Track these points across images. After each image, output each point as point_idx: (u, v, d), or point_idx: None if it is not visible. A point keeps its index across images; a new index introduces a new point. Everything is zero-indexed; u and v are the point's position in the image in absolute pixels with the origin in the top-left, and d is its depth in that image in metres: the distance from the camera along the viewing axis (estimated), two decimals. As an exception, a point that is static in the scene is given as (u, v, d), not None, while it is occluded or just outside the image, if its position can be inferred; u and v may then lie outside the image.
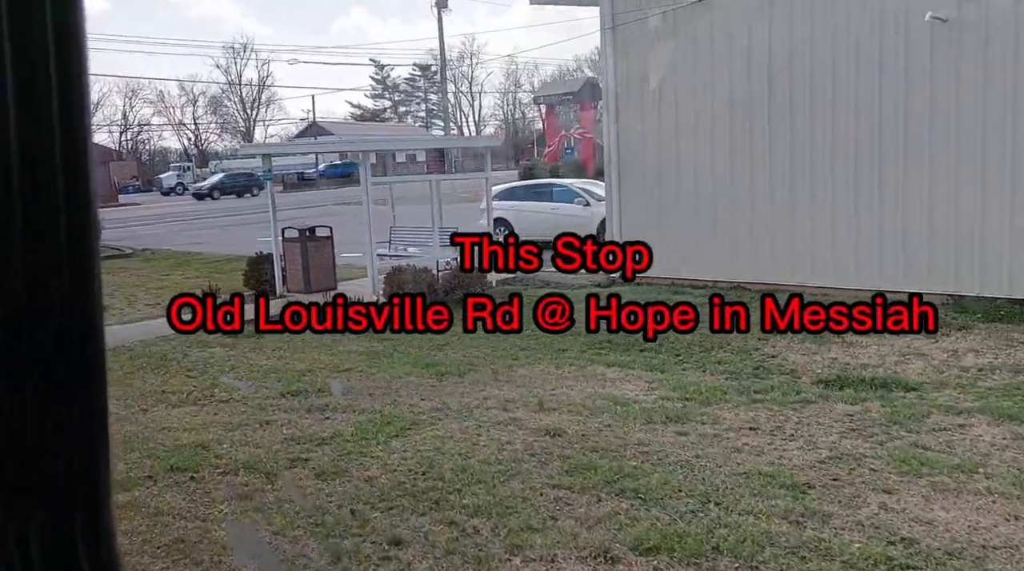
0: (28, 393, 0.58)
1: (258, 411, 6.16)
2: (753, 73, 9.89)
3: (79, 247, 0.60)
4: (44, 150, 0.58)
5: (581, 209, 15.47)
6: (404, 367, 7.46)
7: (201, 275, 14.76)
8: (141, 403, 6.50)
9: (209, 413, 6.16)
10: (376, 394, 6.53)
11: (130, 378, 7.38)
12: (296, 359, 7.95)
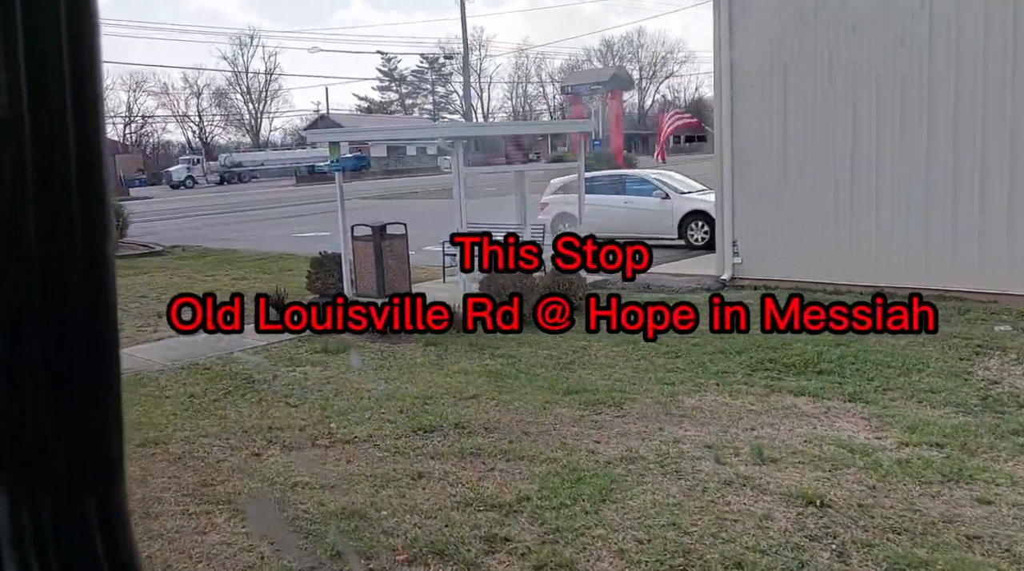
0: (45, 386, 0.59)
1: (399, 457, 5.01)
2: (912, 49, 8.68)
3: (93, 241, 0.61)
4: (57, 144, 0.58)
5: (659, 203, 14.27)
6: (540, 392, 6.32)
7: (249, 275, 13.63)
8: (249, 444, 5.35)
9: (340, 460, 5.01)
10: (531, 432, 5.38)
11: (220, 407, 6.23)
12: (405, 380, 6.81)
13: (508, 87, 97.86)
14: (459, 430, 5.52)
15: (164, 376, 7.18)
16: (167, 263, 16.02)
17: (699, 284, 10.47)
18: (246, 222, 26.68)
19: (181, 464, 5.01)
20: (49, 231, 0.58)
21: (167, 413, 6.08)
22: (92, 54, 0.60)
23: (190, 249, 18.51)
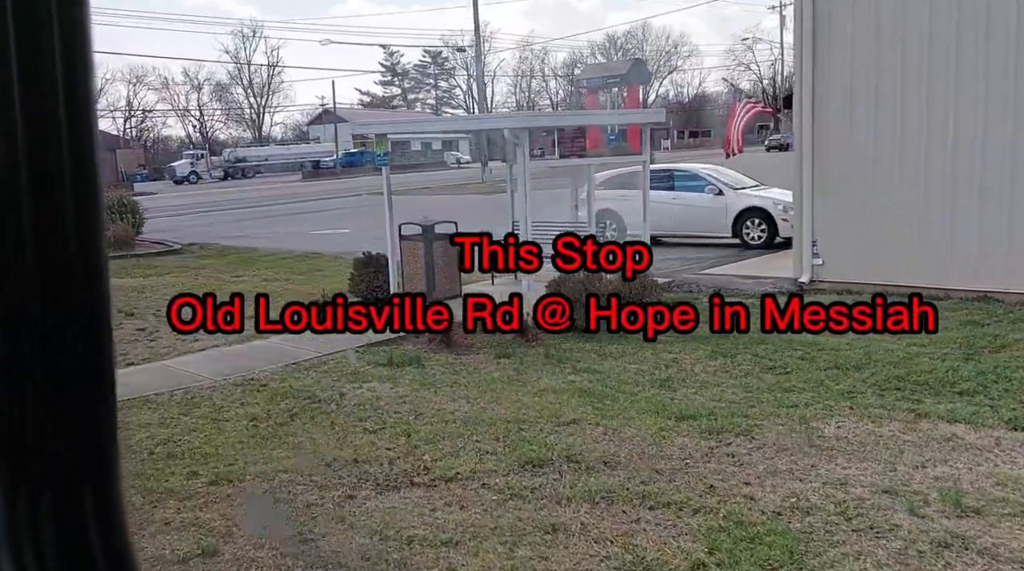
0: (42, 384, 0.60)
1: (519, 503, 4.28)
2: None
3: (87, 239, 0.61)
4: (51, 142, 0.59)
5: (711, 199, 13.50)
6: (647, 417, 5.59)
7: (279, 276, 12.89)
8: (337, 482, 4.61)
9: (450, 505, 4.28)
10: (662, 469, 4.65)
11: (290, 433, 5.49)
12: (489, 400, 6.08)
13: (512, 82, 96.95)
14: (574, 465, 4.79)
15: (217, 394, 6.44)
16: (187, 262, 15.27)
17: (775, 287, 9.73)
18: (258, 219, 25.91)
19: (264, 509, 4.28)
20: (44, 230, 0.59)
21: (232, 441, 5.35)
22: (84, 50, 0.60)
23: (207, 247, 17.75)
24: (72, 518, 0.63)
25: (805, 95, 9.36)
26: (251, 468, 4.86)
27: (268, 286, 11.76)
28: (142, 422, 5.76)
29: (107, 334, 0.64)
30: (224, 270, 13.89)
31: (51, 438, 0.62)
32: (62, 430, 0.62)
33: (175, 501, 4.40)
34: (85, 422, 0.63)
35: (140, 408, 6.09)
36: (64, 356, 0.61)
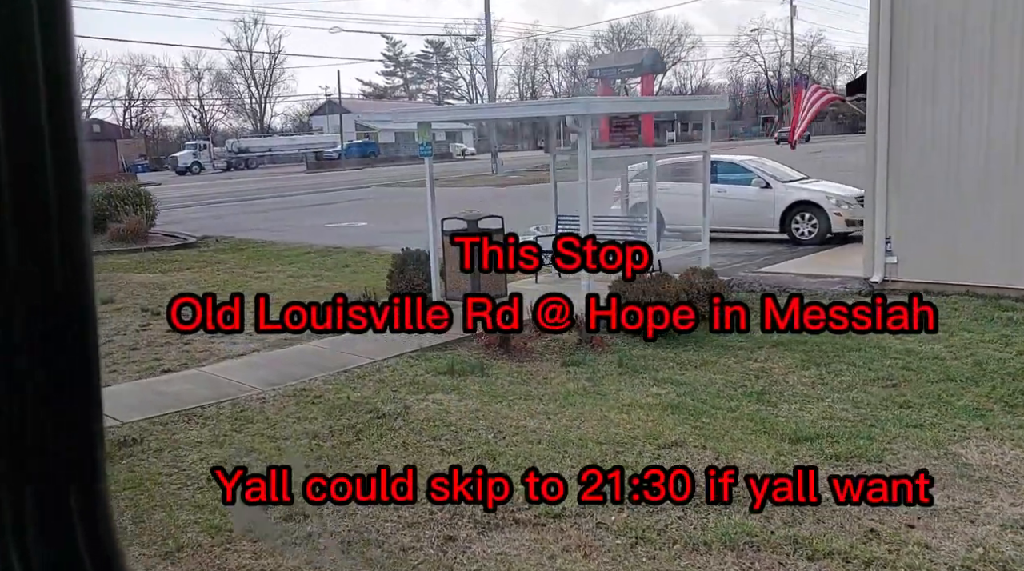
0: (21, 387, 0.60)
1: (648, 548, 3.69)
2: None
3: (73, 240, 0.61)
4: (33, 140, 0.58)
5: (757, 192, 12.87)
6: (757, 439, 5.00)
7: (306, 272, 12.27)
8: (427, 518, 4.01)
9: (567, 551, 3.68)
10: (805, 508, 4.05)
11: (359, 454, 4.89)
12: (570, 416, 5.49)
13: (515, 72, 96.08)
14: (696, 500, 4.20)
15: (268, 407, 5.85)
16: (205, 257, 14.63)
17: (844, 287, 9.13)
18: (269, 211, 25.25)
19: (355, 555, 3.68)
20: (26, 225, 0.58)
21: (296, 465, 4.75)
22: (66, 41, 0.59)
23: (223, 241, 17.10)
24: (58, 518, 0.63)
25: (881, 84, 8.74)
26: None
27: (298, 284, 11.16)
28: (192, 440, 5.17)
29: (93, 334, 0.64)
30: (246, 265, 13.27)
31: (34, 439, 0.62)
32: (45, 431, 0.62)
33: (248, 543, 3.80)
34: (69, 422, 0.63)
35: (187, 423, 5.50)
36: (48, 357, 0.61)
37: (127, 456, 4.90)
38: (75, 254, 0.62)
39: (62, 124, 0.59)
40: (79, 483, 0.65)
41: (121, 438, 5.16)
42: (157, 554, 3.72)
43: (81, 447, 0.65)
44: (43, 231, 0.60)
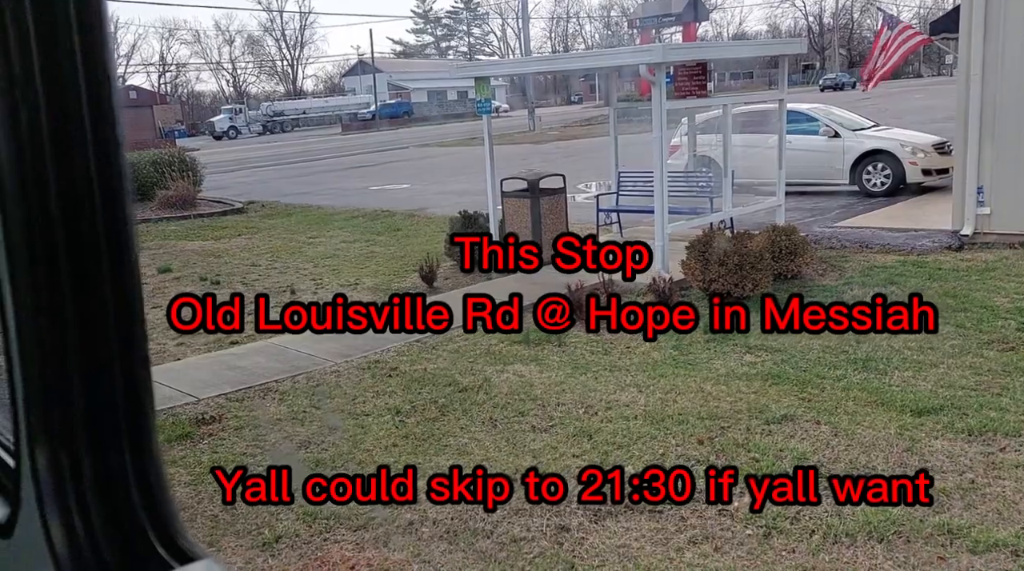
0: (81, 348, 0.63)
1: (784, 539, 3.36)
2: None
3: (114, 207, 0.63)
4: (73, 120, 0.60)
5: (826, 142, 12.19)
6: (870, 409, 4.63)
7: (358, 237, 12.02)
8: (535, 510, 3.74)
9: (694, 543, 3.38)
10: (950, 491, 3.67)
11: (446, 432, 4.63)
12: (663, 388, 5.15)
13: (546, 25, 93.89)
14: (821, 482, 3.86)
15: (344, 380, 5.62)
16: (254, 223, 14.47)
17: (931, 240, 8.58)
18: (311, 174, 25.06)
19: (463, 546, 3.43)
20: (68, 198, 0.61)
21: (383, 444, 4.51)
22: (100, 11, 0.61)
23: (269, 205, 16.92)
24: (113, 477, 0.66)
25: (976, 19, 8.04)
26: (420, 482, 4.02)
27: (351, 249, 10.92)
28: (272, 417, 4.96)
29: (138, 297, 0.66)
30: (296, 231, 13.07)
31: (88, 402, 0.65)
32: (99, 394, 0.65)
33: (347, 531, 3.57)
34: (121, 385, 0.66)
35: (264, 398, 5.29)
36: (99, 325, 0.64)
37: (207, 436, 4.71)
38: (119, 225, 0.64)
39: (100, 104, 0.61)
40: (133, 444, 0.67)
41: (199, 415, 4.97)
42: (254, 545, 3.51)
43: (134, 409, 0.67)
44: (87, 203, 0.62)
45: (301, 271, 9.52)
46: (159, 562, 0.67)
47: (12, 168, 0.61)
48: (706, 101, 8.85)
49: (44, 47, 0.59)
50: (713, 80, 70.47)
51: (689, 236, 7.78)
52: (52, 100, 0.60)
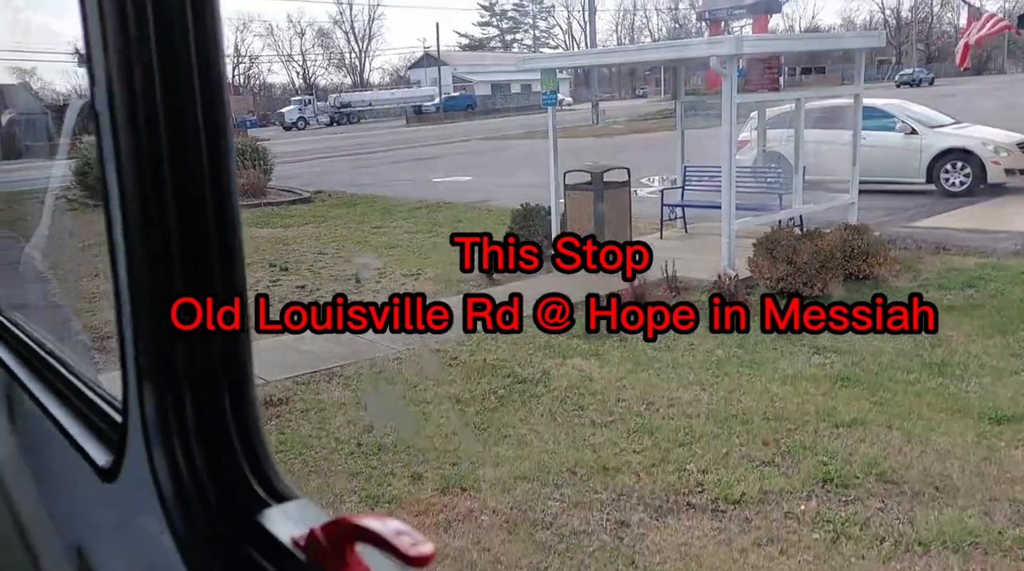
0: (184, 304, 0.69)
1: (854, 546, 3.27)
2: None
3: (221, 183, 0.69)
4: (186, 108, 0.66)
5: (902, 139, 11.75)
6: (945, 416, 4.45)
7: (420, 228, 12.16)
8: (593, 498, 3.73)
9: (759, 545, 3.32)
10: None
11: (507, 423, 4.65)
12: (727, 387, 5.06)
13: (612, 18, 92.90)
14: (892, 487, 3.74)
15: (406, 367, 5.70)
16: (321, 212, 14.78)
17: (1014, 244, 8.19)
18: (375, 165, 25.47)
19: (523, 536, 3.44)
20: (181, 180, 0.67)
21: (443, 432, 4.56)
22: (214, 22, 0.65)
23: (335, 195, 17.26)
24: (214, 421, 0.71)
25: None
26: (480, 471, 4.05)
27: (414, 239, 11.05)
28: (336, 401, 5.07)
29: (240, 266, 0.71)
30: (361, 221, 13.29)
31: (190, 351, 0.69)
32: (200, 343, 0.69)
33: (409, 516, 3.63)
34: (222, 336, 0.70)
35: (329, 383, 5.41)
36: (202, 278, 0.69)
37: (275, 417, 4.85)
38: (223, 188, 0.69)
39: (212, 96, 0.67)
40: (232, 401, 0.71)
41: (267, 397, 5.12)
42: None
43: (234, 370, 0.71)
44: (197, 187, 0.67)
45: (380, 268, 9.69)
46: (257, 500, 0.70)
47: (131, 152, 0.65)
48: (778, 95, 8.63)
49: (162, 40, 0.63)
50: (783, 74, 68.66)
51: (756, 233, 7.61)
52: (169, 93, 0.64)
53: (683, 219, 9.94)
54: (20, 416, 1.39)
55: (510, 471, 4.04)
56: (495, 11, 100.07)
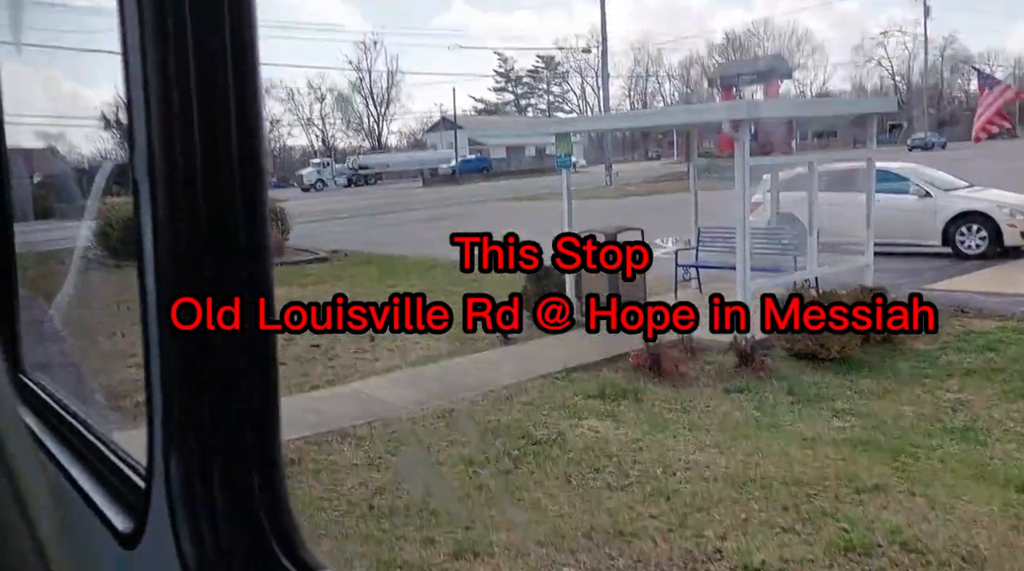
0: (218, 380, 0.70)
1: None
2: None
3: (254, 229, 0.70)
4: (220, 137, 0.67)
5: (917, 202, 11.78)
6: (970, 483, 4.35)
7: (435, 287, 12.19)
8: (610, 565, 3.65)
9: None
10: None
11: (520, 486, 4.59)
12: (745, 451, 4.98)
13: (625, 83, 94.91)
14: (917, 558, 3.63)
15: (420, 428, 5.67)
16: (338, 270, 14.95)
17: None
18: (392, 226, 25.82)
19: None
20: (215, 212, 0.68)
21: (456, 495, 4.50)
22: (251, 44, 0.66)
23: (352, 255, 17.48)
24: (242, 497, 0.70)
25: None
26: (495, 536, 3.98)
27: (429, 298, 11.10)
28: (348, 463, 5.03)
29: (273, 335, 0.71)
30: (377, 279, 13.39)
31: (220, 428, 0.69)
32: (230, 421, 0.69)
33: (420, 582, 3.56)
34: (250, 413, 0.69)
35: (341, 443, 5.38)
36: (231, 353, 0.68)
37: (287, 477, 4.81)
38: (258, 254, 0.70)
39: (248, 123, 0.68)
40: (260, 467, 0.71)
41: (279, 458, 5.09)
42: None
43: (262, 436, 0.70)
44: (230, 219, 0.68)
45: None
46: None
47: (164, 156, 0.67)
48: (791, 159, 8.73)
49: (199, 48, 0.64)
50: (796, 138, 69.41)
51: (771, 294, 7.61)
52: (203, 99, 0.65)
53: (698, 280, 9.95)
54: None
55: (524, 536, 3.97)
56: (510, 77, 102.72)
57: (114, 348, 8.20)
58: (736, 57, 78.72)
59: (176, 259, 0.69)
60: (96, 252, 15.96)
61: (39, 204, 11.78)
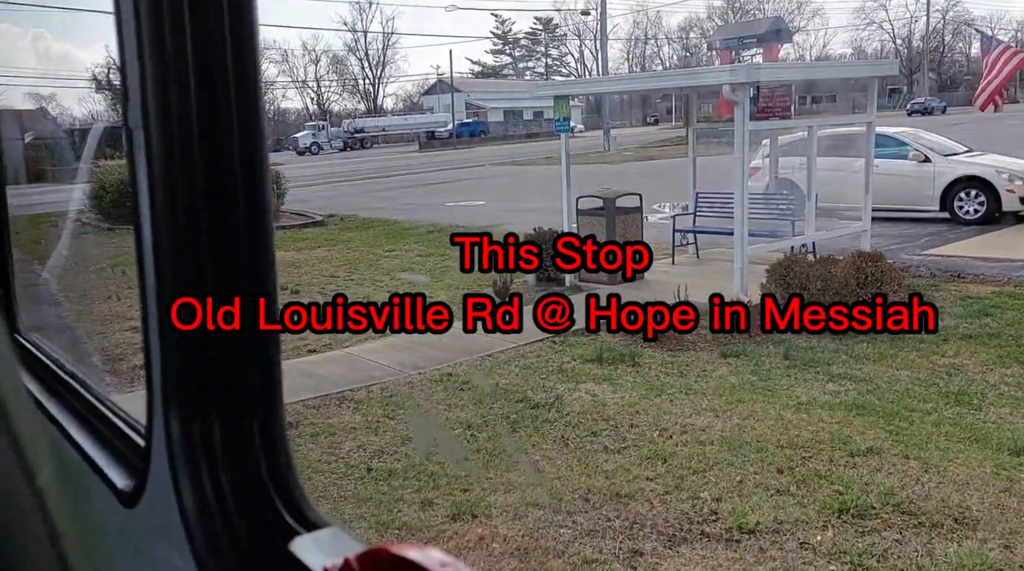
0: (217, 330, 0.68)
1: (872, 574, 3.21)
2: None
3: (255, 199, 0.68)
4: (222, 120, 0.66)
5: (915, 167, 11.72)
6: (963, 446, 4.39)
7: (432, 251, 12.20)
8: (605, 526, 3.69)
9: (777, 573, 3.26)
10: (1046, 532, 3.46)
11: (518, 449, 4.63)
12: (741, 414, 5.01)
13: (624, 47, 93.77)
14: (910, 519, 3.68)
15: (417, 392, 5.69)
16: (333, 235, 14.88)
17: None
18: (388, 190, 25.65)
19: (535, 564, 3.40)
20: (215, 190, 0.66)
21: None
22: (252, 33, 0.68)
23: (348, 219, 17.38)
24: (242, 448, 0.69)
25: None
26: (492, 498, 4.02)
27: (427, 262, 11.09)
28: (346, 425, 5.06)
29: (274, 288, 0.70)
30: (373, 244, 13.37)
31: (222, 378, 0.69)
32: (232, 371, 0.69)
33: (419, 541, 3.59)
34: (252, 364, 0.69)
35: (338, 407, 5.40)
36: (233, 301, 0.68)
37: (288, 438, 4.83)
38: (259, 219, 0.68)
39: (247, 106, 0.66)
40: (261, 419, 0.70)
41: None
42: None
43: (263, 387, 0.70)
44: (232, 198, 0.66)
45: (377, 283, 9.72)
46: (287, 528, 0.68)
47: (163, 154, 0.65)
48: (789, 123, 8.65)
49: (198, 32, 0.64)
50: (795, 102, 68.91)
51: (769, 259, 7.61)
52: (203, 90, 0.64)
53: (695, 245, 9.94)
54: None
55: (521, 498, 4.00)
56: (508, 39, 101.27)
57: (109, 311, 8.19)
58: (736, 20, 77.61)
59: (176, 250, 0.68)
60: (89, 215, 15.87)
61: (31, 167, 11.67)
